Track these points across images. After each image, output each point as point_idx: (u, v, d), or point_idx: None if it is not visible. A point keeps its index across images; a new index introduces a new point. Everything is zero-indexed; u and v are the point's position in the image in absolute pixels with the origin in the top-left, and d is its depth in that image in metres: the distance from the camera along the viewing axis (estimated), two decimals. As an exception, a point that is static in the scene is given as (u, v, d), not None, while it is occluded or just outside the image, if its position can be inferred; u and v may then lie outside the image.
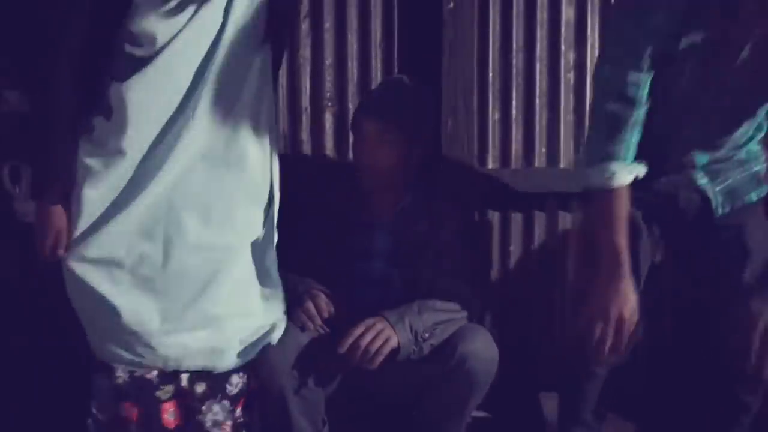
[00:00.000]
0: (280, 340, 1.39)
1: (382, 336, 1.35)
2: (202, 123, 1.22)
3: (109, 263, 1.18)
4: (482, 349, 1.40)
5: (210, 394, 1.27)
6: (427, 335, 1.40)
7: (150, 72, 1.18)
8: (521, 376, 2.03)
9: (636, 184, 1.31)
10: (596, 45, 1.99)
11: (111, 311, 1.14)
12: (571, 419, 1.57)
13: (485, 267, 2.05)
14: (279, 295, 1.41)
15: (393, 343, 1.36)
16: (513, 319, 2.08)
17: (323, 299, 1.44)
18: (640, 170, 1.30)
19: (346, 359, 1.36)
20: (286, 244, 1.58)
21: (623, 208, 1.30)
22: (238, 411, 1.31)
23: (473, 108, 1.97)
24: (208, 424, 1.20)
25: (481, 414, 1.92)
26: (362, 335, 1.35)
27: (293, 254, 1.56)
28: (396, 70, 2.04)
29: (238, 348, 1.29)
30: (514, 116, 2.02)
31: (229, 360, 1.29)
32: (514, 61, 2.01)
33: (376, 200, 1.60)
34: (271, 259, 1.40)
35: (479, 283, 1.64)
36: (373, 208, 1.61)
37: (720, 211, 1.42)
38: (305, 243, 1.59)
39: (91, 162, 1.19)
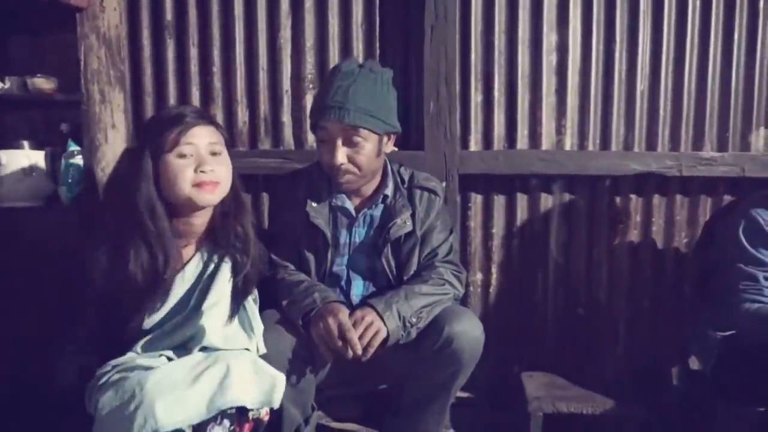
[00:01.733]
0: (274, 331, 1.38)
1: (372, 328, 1.35)
2: None
3: None
4: (468, 329, 1.39)
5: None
6: (414, 320, 1.40)
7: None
8: (504, 356, 2.06)
9: None
10: (578, 27, 2.00)
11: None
12: None
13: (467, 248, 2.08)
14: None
15: (383, 333, 1.36)
16: (495, 299, 2.10)
17: (344, 317, 1.37)
18: None
19: (340, 355, 1.36)
20: (273, 239, 1.58)
21: None
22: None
23: (455, 90, 1.97)
24: None
25: (464, 394, 1.95)
26: (352, 329, 1.34)
27: (279, 249, 1.56)
28: (378, 52, 2.02)
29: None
30: (496, 98, 2.02)
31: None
32: (496, 44, 2.00)
33: (355, 191, 1.56)
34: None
35: (461, 266, 1.64)
36: (353, 198, 1.57)
37: None
38: (289, 237, 1.56)
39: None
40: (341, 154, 1.44)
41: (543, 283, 2.09)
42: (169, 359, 1.27)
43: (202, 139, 1.29)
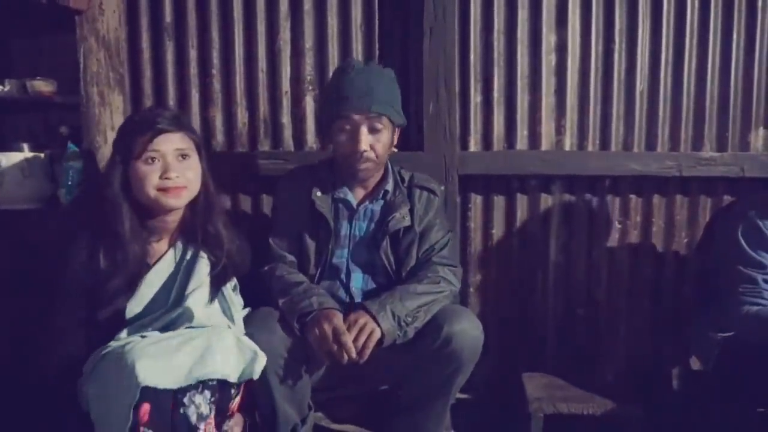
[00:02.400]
0: (266, 330, 1.39)
1: (366, 330, 1.37)
2: None
3: None
4: (467, 329, 1.40)
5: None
6: (410, 320, 1.41)
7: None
8: (504, 356, 2.06)
9: None
10: (577, 27, 2.00)
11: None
12: None
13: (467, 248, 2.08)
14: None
15: (377, 334, 1.37)
16: (495, 300, 2.10)
17: (338, 321, 1.38)
18: None
19: (335, 358, 1.37)
20: (275, 229, 1.61)
21: None
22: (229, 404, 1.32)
23: (455, 91, 1.97)
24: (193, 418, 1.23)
25: (464, 395, 1.95)
26: (346, 333, 1.36)
27: (281, 238, 1.59)
28: (377, 53, 2.02)
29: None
30: (495, 99, 2.02)
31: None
32: (495, 44, 2.01)
33: (357, 186, 1.61)
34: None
35: (459, 263, 1.67)
36: (355, 191, 1.61)
37: None
38: (291, 227, 1.59)
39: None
40: (366, 140, 1.51)
41: (543, 283, 2.09)
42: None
43: (169, 145, 1.36)
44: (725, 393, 1.60)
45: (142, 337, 1.31)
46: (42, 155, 1.91)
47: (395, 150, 1.82)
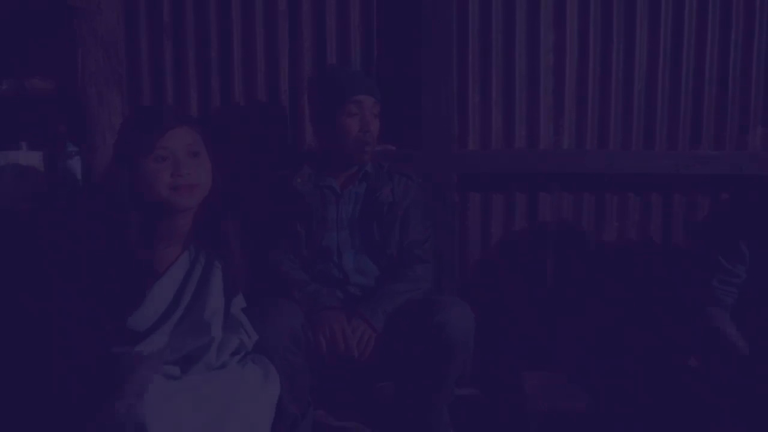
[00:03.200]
0: (273, 322, 1.40)
1: (366, 335, 1.49)
2: None
3: None
4: (458, 317, 1.45)
5: None
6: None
7: None
8: (504, 354, 2.06)
9: None
10: (575, 26, 2.01)
11: None
12: None
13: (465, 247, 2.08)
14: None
15: (374, 336, 1.50)
16: (494, 298, 2.10)
17: (345, 324, 1.48)
18: None
19: (341, 358, 1.46)
20: (267, 225, 1.64)
21: None
22: None
23: (453, 90, 1.97)
24: None
25: (463, 393, 1.95)
26: (352, 336, 1.47)
27: (273, 233, 1.64)
28: (375, 52, 2.03)
29: None
30: (494, 98, 2.03)
31: None
32: (493, 43, 2.01)
33: (340, 173, 1.68)
34: None
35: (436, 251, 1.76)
36: (338, 178, 1.68)
37: None
38: (281, 221, 1.65)
39: None
40: (373, 122, 1.64)
41: (542, 282, 2.10)
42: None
43: (179, 141, 1.27)
44: (725, 392, 1.60)
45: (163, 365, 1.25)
46: (40, 154, 1.91)
47: (393, 148, 1.84)
